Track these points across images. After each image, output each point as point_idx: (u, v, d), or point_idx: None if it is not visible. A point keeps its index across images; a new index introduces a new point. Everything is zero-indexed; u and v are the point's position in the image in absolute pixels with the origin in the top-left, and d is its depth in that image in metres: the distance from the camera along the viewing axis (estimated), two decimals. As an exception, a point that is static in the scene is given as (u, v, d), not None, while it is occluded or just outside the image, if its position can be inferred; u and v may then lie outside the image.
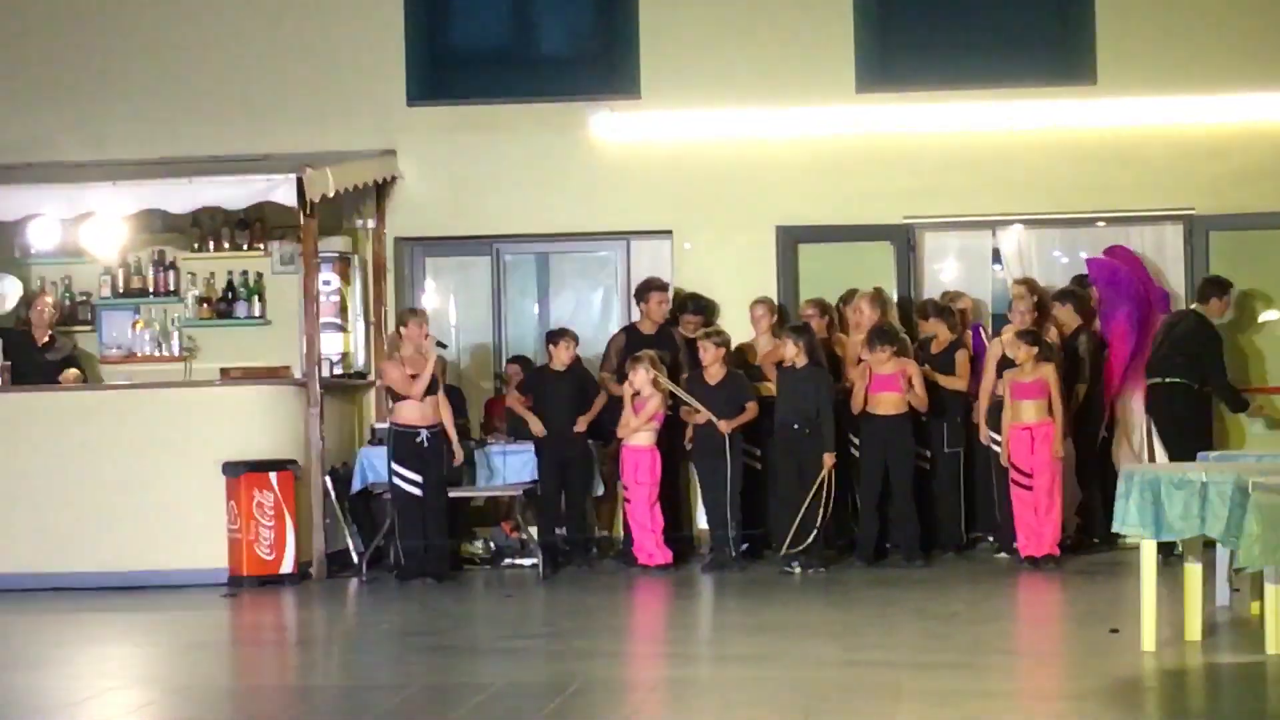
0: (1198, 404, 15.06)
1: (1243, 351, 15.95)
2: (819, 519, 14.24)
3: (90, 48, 16.76)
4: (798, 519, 14.21)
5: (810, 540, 14.22)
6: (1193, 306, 15.34)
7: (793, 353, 14.42)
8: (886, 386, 14.50)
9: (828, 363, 14.85)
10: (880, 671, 10.04)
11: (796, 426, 14.34)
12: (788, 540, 14.25)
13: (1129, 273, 15.52)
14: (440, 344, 15.06)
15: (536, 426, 14.95)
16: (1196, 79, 15.90)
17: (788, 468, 14.45)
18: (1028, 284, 15.21)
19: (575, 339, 15.26)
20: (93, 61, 16.74)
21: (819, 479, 14.24)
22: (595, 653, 11.18)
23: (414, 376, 14.36)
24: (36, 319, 15.97)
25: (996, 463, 14.68)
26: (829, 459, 14.28)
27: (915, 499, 14.67)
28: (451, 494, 14.62)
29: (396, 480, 14.40)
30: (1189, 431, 14.62)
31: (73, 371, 15.73)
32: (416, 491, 14.34)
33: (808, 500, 14.20)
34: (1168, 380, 14.96)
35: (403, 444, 14.39)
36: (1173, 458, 14.47)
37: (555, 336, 15.32)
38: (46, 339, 15.96)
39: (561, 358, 15.13)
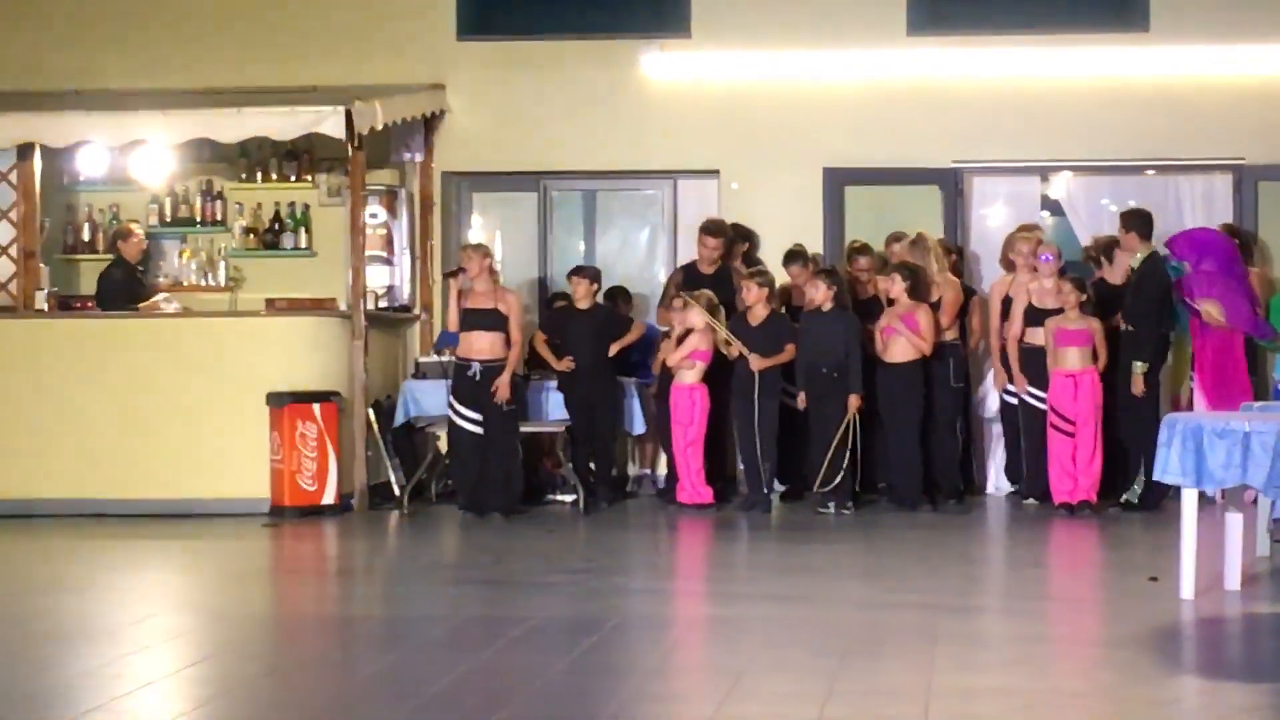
0: None
1: None
2: (845, 459, 14.28)
3: (141, -24, 16.79)
4: (826, 459, 14.27)
5: (839, 480, 14.28)
6: None
7: (823, 296, 14.44)
8: (897, 330, 14.47)
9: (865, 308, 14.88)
10: (917, 614, 10.04)
11: (824, 370, 14.38)
12: (818, 480, 14.33)
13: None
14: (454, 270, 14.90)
15: (562, 363, 14.94)
16: (1250, 27, 15.78)
17: (817, 411, 14.47)
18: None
19: (594, 277, 15.15)
20: (143, -11, 16.78)
21: (844, 421, 14.27)
22: (633, 589, 11.24)
23: (469, 311, 14.34)
24: (132, 253, 15.99)
25: (1027, 409, 14.64)
26: (854, 400, 14.31)
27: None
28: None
29: (449, 413, 14.43)
30: None
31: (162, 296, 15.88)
32: (468, 426, 14.33)
33: (834, 442, 14.24)
34: None
35: (456, 376, 14.42)
36: None
37: (573, 274, 15.27)
38: (140, 272, 16.07)
39: (580, 294, 15.09)
